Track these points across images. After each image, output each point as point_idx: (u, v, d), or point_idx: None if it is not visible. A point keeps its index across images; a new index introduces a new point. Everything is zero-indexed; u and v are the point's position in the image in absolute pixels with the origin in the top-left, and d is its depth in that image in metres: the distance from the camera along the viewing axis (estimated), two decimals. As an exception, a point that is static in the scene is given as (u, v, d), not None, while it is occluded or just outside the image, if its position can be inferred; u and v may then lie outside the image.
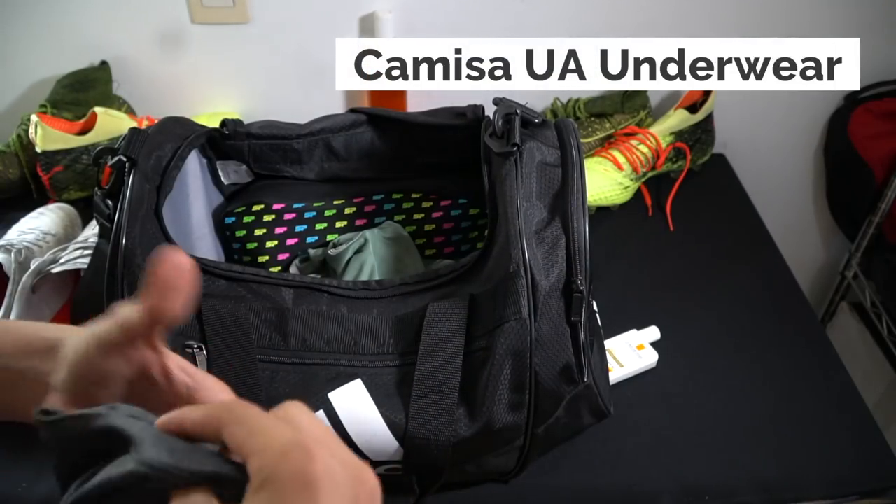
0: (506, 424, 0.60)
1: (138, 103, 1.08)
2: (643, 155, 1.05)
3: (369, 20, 1.03)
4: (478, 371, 0.61)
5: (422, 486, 0.64)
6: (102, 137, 0.98)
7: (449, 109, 0.78)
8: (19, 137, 1.01)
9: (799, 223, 1.34)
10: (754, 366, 0.84)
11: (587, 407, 0.66)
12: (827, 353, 0.87)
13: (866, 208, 1.20)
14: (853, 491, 0.73)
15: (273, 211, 0.79)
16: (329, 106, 1.09)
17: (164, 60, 1.06)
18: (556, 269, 0.61)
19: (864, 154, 1.16)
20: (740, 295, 0.93)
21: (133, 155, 0.64)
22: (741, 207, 1.09)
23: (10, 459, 0.72)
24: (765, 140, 1.23)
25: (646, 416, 0.78)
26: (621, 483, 0.72)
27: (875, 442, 0.77)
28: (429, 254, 0.84)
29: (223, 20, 1.02)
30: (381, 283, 0.67)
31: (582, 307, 0.60)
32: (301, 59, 1.07)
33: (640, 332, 0.85)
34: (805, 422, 0.78)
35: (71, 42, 1.03)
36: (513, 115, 0.65)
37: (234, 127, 0.76)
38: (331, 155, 0.80)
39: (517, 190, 0.62)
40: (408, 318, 0.64)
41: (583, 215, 0.62)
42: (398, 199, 0.82)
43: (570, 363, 0.61)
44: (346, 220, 0.82)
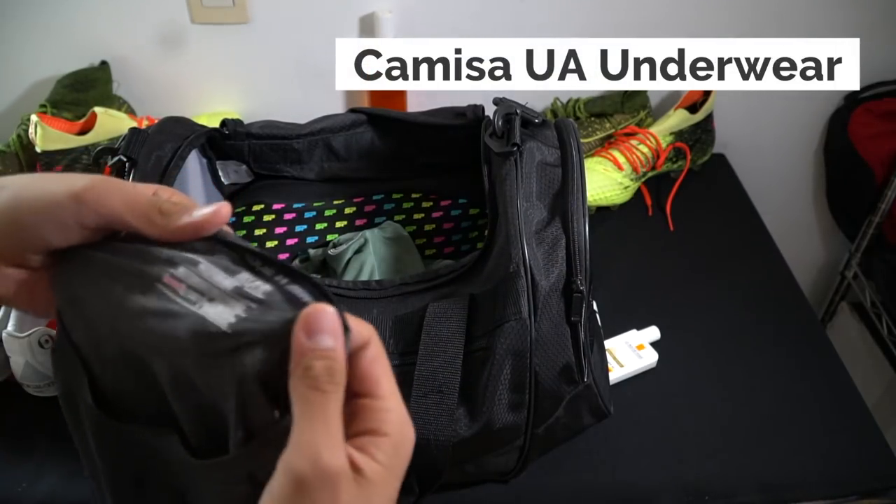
0: (506, 424, 0.60)
1: (138, 103, 1.08)
2: (643, 155, 1.05)
3: (369, 20, 1.03)
4: (478, 371, 0.61)
5: (421, 486, 0.64)
6: (102, 137, 0.98)
7: (449, 109, 0.78)
8: (19, 137, 1.01)
9: (799, 223, 1.34)
10: (754, 366, 0.84)
11: (587, 407, 0.66)
12: (827, 353, 0.87)
13: (866, 208, 1.20)
14: (853, 491, 0.73)
15: (273, 211, 0.79)
16: (329, 106, 1.09)
17: (164, 60, 1.06)
18: (556, 269, 0.61)
19: (864, 154, 1.16)
20: (740, 295, 0.93)
21: (133, 155, 0.64)
22: (741, 207, 1.09)
23: (10, 459, 0.72)
24: (765, 140, 1.23)
25: (646, 416, 0.78)
26: (621, 483, 0.72)
27: (875, 442, 0.77)
28: (429, 254, 0.84)
29: (223, 20, 1.02)
30: (381, 283, 0.67)
31: (582, 307, 0.60)
32: (301, 59, 1.07)
33: (640, 332, 0.85)
34: (805, 422, 0.78)
35: (71, 42, 1.03)
36: (513, 115, 0.65)
37: (234, 127, 0.76)
38: (331, 155, 0.80)
39: (517, 190, 0.62)
40: (408, 318, 0.64)
41: (583, 215, 0.62)
42: (398, 199, 0.82)
43: (570, 363, 0.61)
44: (346, 220, 0.82)
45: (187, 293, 0.31)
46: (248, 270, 0.32)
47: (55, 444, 0.73)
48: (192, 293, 0.32)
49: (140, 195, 0.34)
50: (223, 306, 0.31)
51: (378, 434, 0.31)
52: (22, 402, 0.76)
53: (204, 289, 0.32)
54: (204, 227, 0.33)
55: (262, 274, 0.32)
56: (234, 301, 0.31)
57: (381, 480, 0.30)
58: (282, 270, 0.32)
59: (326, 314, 0.30)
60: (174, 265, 0.32)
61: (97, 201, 0.33)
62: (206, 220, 0.33)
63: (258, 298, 0.31)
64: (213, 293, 0.31)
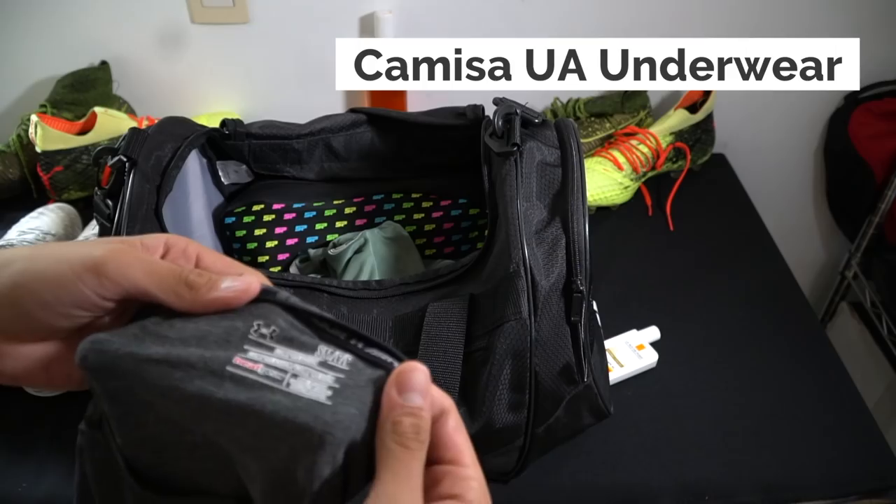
0: (506, 424, 0.60)
1: (138, 103, 1.08)
2: (643, 155, 1.05)
3: (369, 20, 1.03)
4: (478, 371, 0.61)
5: (422, 486, 0.64)
6: (102, 137, 0.98)
7: (449, 109, 0.78)
8: (19, 137, 1.01)
9: (799, 223, 1.34)
10: (754, 366, 0.84)
11: (587, 407, 0.66)
12: (827, 353, 0.87)
13: (866, 208, 1.20)
14: (853, 491, 0.73)
15: (273, 211, 0.79)
16: (329, 106, 1.10)
17: (164, 60, 1.06)
18: (556, 269, 0.61)
19: (864, 154, 1.16)
20: (740, 295, 0.93)
21: (133, 155, 0.64)
22: (741, 207, 1.09)
23: (10, 459, 0.72)
24: (765, 140, 1.23)
25: (646, 416, 0.78)
26: (621, 483, 0.72)
27: (875, 442, 0.77)
28: (429, 254, 0.84)
29: (223, 20, 1.02)
30: (381, 283, 0.67)
31: (582, 307, 0.60)
32: (301, 59, 1.07)
33: (640, 332, 0.85)
34: (805, 422, 0.78)
35: (71, 42, 1.03)
36: (513, 115, 0.65)
37: (234, 127, 0.76)
38: (331, 155, 0.80)
39: (517, 190, 0.62)
40: (408, 318, 0.64)
41: (583, 215, 0.62)
42: (398, 199, 0.82)
43: (570, 363, 0.61)
44: (346, 220, 0.82)
45: (266, 371, 0.30)
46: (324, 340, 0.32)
47: (55, 444, 0.73)
48: (273, 371, 0.31)
49: (162, 267, 0.33)
50: (310, 381, 0.30)
51: (461, 500, 0.31)
52: (22, 401, 0.76)
53: (286, 367, 0.31)
54: (233, 303, 0.32)
55: (336, 340, 0.32)
56: (321, 374, 0.31)
57: None
58: (354, 335, 0.32)
59: (418, 372, 0.31)
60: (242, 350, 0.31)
61: (119, 274, 0.32)
62: (237, 296, 0.32)
63: (344, 370, 0.31)
64: (296, 369, 0.31)
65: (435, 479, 0.31)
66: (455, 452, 0.32)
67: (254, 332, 0.31)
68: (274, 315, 0.32)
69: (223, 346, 0.31)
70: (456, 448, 0.32)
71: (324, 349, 0.32)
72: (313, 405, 0.29)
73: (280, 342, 0.31)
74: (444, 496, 0.31)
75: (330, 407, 0.30)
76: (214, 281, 0.32)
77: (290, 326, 0.32)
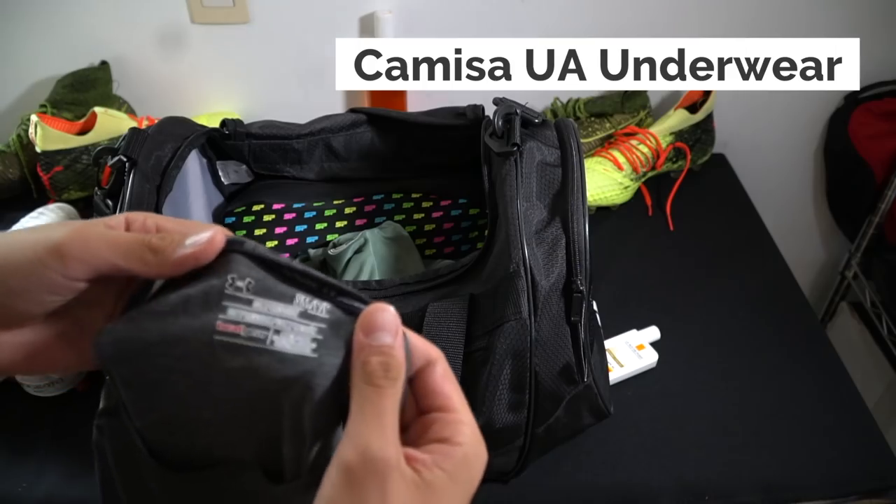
0: (506, 424, 0.60)
1: (138, 103, 1.08)
2: (643, 155, 1.05)
3: (369, 20, 1.03)
4: (478, 371, 0.61)
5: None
6: (102, 137, 0.98)
7: (449, 109, 0.78)
8: (19, 137, 1.01)
9: (799, 223, 1.34)
10: (754, 366, 0.84)
11: (587, 407, 0.66)
12: (827, 353, 0.87)
13: (866, 208, 1.20)
14: (853, 491, 0.73)
15: (273, 211, 0.79)
16: (329, 106, 1.10)
17: (164, 60, 1.06)
18: (556, 269, 0.61)
19: (864, 154, 1.16)
20: (740, 295, 0.93)
21: (133, 155, 0.64)
22: (741, 207, 1.09)
23: (10, 459, 0.72)
24: (765, 140, 1.23)
25: (646, 416, 0.78)
26: (621, 483, 0.72)
27: (875, 442, 0.77)
28: (429, 254, 0.84)
29: (223, 20, 1.02)
30: (381, 283, 0.67)
31: (582, 307, 0.60)
32: (301, 59, 1.07)
33: (640, 332, 0.85)
34: (805, 422, 0.78)
35: (71, 42, 1.03)
36: (513, 115, 0.65)
37: (234, 127, 0.76)
38: (331, 155, 0.80)
39: (517, 190, 0.62)
40: (408, 318, 0.64)
41: (583, 215, 0.62)
42: (398, 199, 0.82)
43: (570, 363, 0.61)
44: (346, 220, 0.82)
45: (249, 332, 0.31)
46: (300, 289, 0.32)
47: (55, 443, 0.73)
48: (256, 330, 0.31)
49: (124, 236, 0.32)
50: (293, 335, 0.31)
51: (450, 443, 0.31)
52: (22, 401, 0.76)
53: (266, 323, 0.31)
54: (201, 257, 0.32)
55: (311, 289, 0.32)
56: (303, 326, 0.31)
57: (443, 489, 0.30)
58: (325, 284, 0.32)
59: (384, 312, 0.31)
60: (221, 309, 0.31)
61: (83, 252, 0.31)
62: (203, 249, 0.32)
63: (324, 318, 0.31)
64: (277, 324, 0.31)
65: (425, 425, 0.32)
66: (444, 399, 0.32)
67: (229, 286, 0.31)
68: (245, 268, 0.32)
69: (205, 308, 0.31)
70: (444, 395, 0.32)
71: (302, 298, 0.32)
72: (299, 360, 0.30)
73: (257, 293, 0.32)
74: (433, 440, 0.31)
75: (316, 359, 0.30)
76: (177, 240, 0.32)
77: (264, 277, 0.32)
